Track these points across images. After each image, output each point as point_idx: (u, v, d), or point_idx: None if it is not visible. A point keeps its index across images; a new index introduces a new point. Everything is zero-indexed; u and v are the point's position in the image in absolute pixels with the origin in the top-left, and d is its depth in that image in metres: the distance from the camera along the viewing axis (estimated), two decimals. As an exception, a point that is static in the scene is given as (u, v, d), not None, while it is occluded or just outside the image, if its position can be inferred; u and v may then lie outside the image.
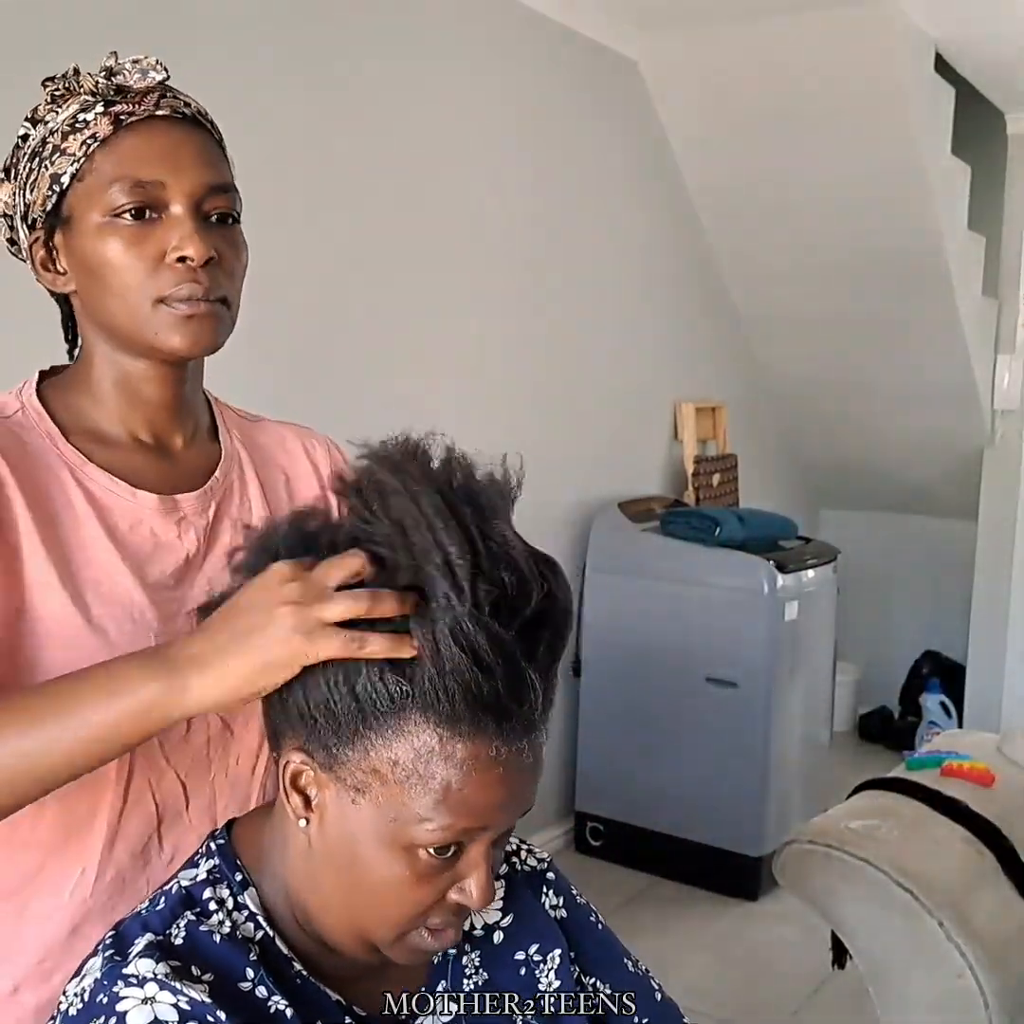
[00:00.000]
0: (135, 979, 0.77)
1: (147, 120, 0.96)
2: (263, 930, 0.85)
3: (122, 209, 0.94)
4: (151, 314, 0.96)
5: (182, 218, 0.95)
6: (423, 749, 0.77)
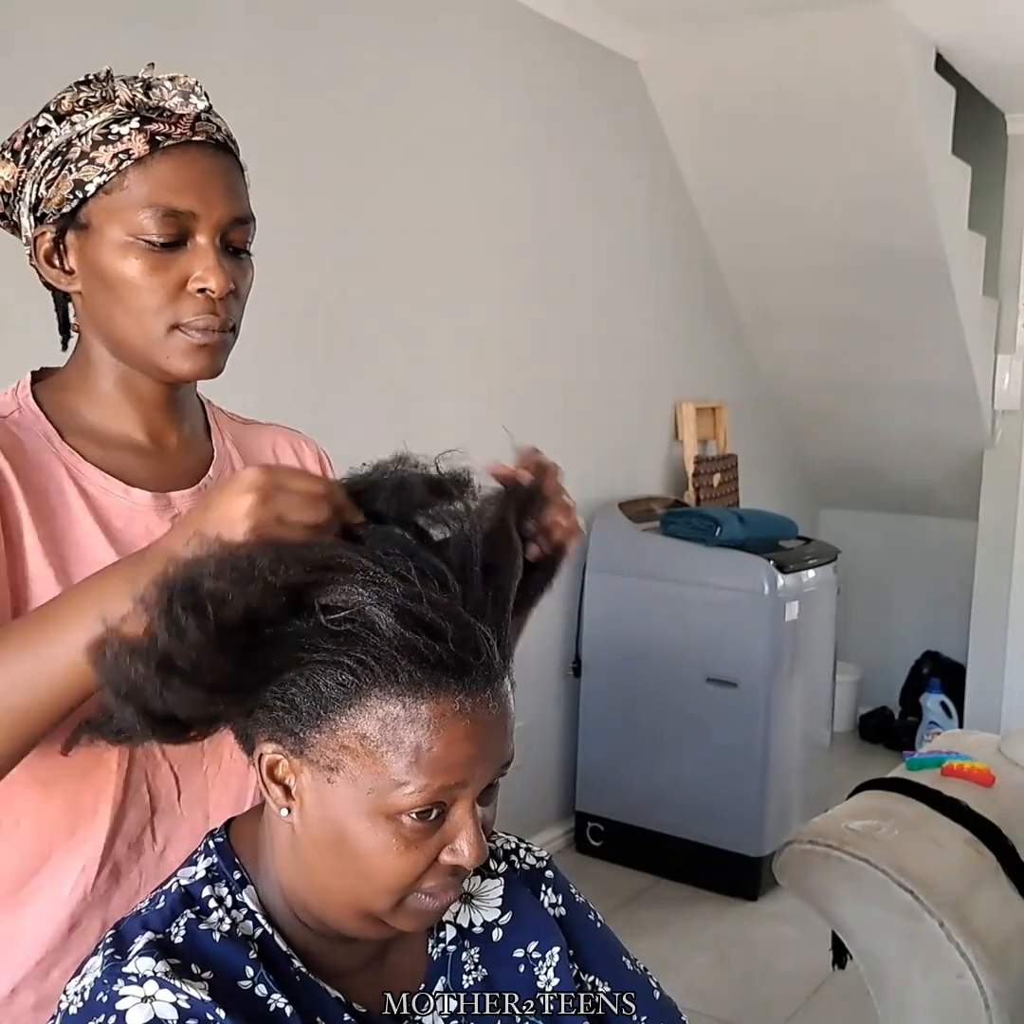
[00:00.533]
0: (135, 977, 0.78)
1: (183, 145, 0.96)
2: (262, 928, 0.86)
3: (153, 236, 0.95)
4: (165, 338, 0.98)
5: (207, 249, 0.97)
6: (388, 718, 0.78)
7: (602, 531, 3.52)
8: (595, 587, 3.50)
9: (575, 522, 0.95)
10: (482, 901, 0.98)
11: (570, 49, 3.32)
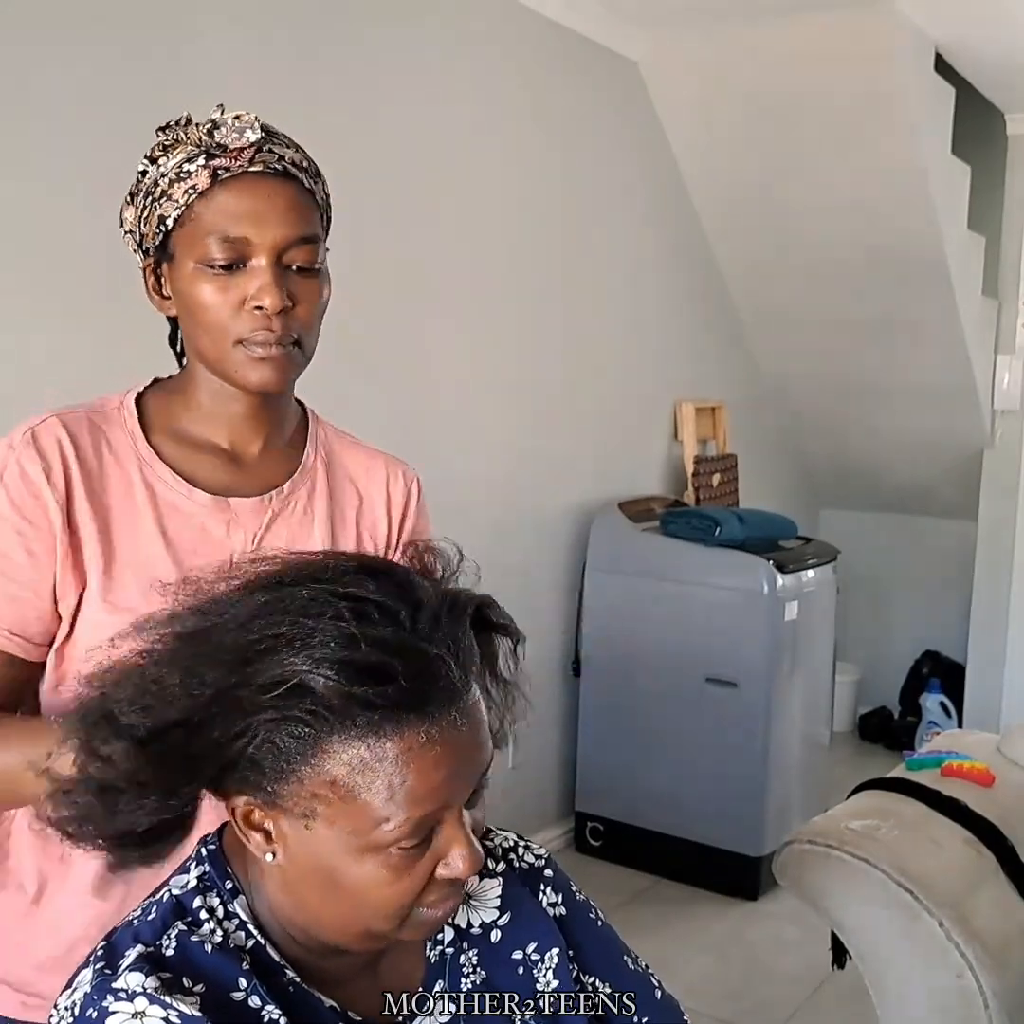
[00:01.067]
0: (124, 993, 0.77)
1: (240, 176, 1.06)
2: (254, 938, 0.85)
3: (213, 261, 1.06)
4: (231, 352, 1.08)
5: (262, 270, 1.06)
6: (354, 762, 0.77)
7: (602, 531, 3.52)
8: (595, 587, 3.50)
9: None
10: (480, 901, 0.97)
11: (570, 49, 3.32)
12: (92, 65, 2.12)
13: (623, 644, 3.45)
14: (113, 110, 2.16)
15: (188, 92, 2.29)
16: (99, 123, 2.14)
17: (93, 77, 2.13)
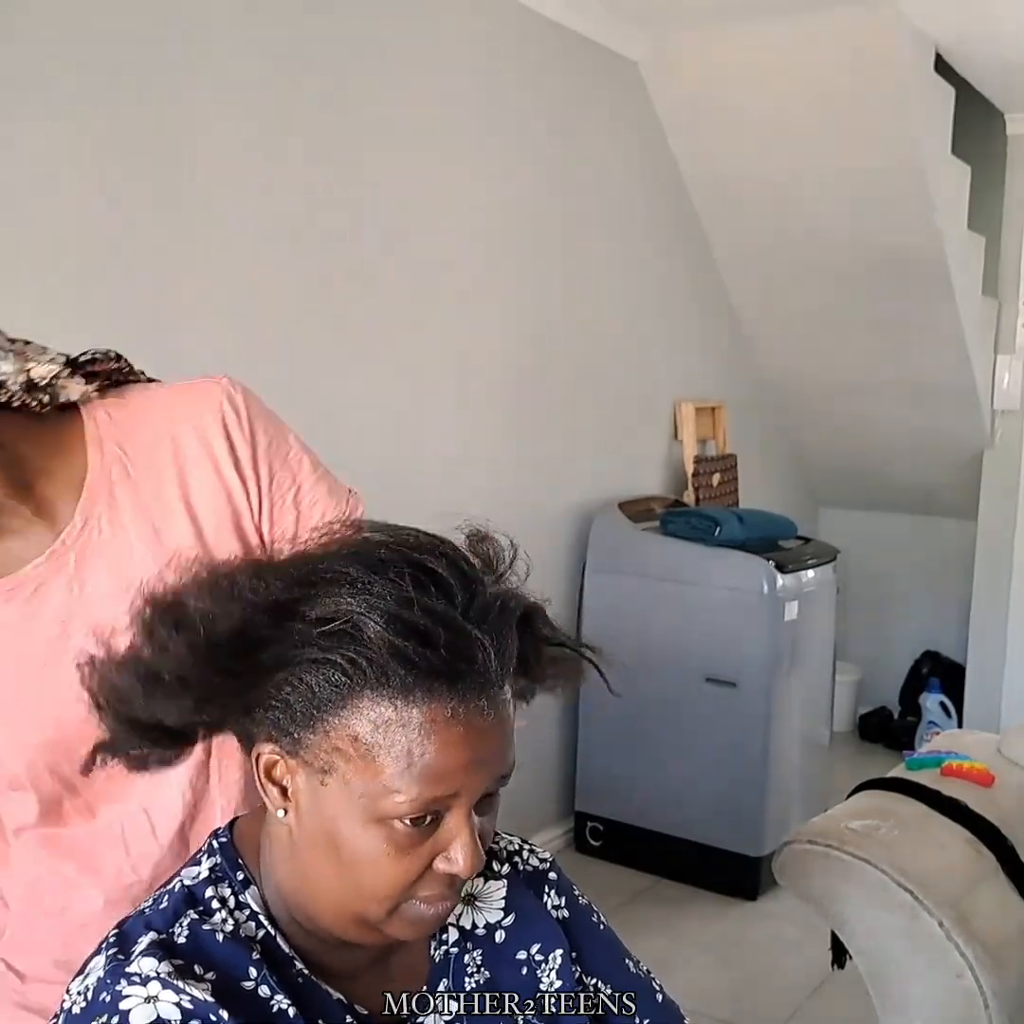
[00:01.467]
0: (138, 978, 0.78)
1: None
2: (264, 929, 0.86)
3: None
4: None
5: None
6: (379, 720, 0.78)
7: (602, 531, 3.52)
8: (595, 587, 3.50)
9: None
10: (484, 903, 0.98)
11: (570, 49, 3.32)
12: (94, 64, 2.12)
13: (623, 644, 3.43)
14: (114, 109, 2.16)
15: (187, 93, 2.29)
16: (100, 124, 2.14)
17: (96, 76, 2.13)
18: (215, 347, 2.34)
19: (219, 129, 2.36)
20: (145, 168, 2.23)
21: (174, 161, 2.28)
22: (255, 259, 2.47)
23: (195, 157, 2.32)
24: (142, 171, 2.23)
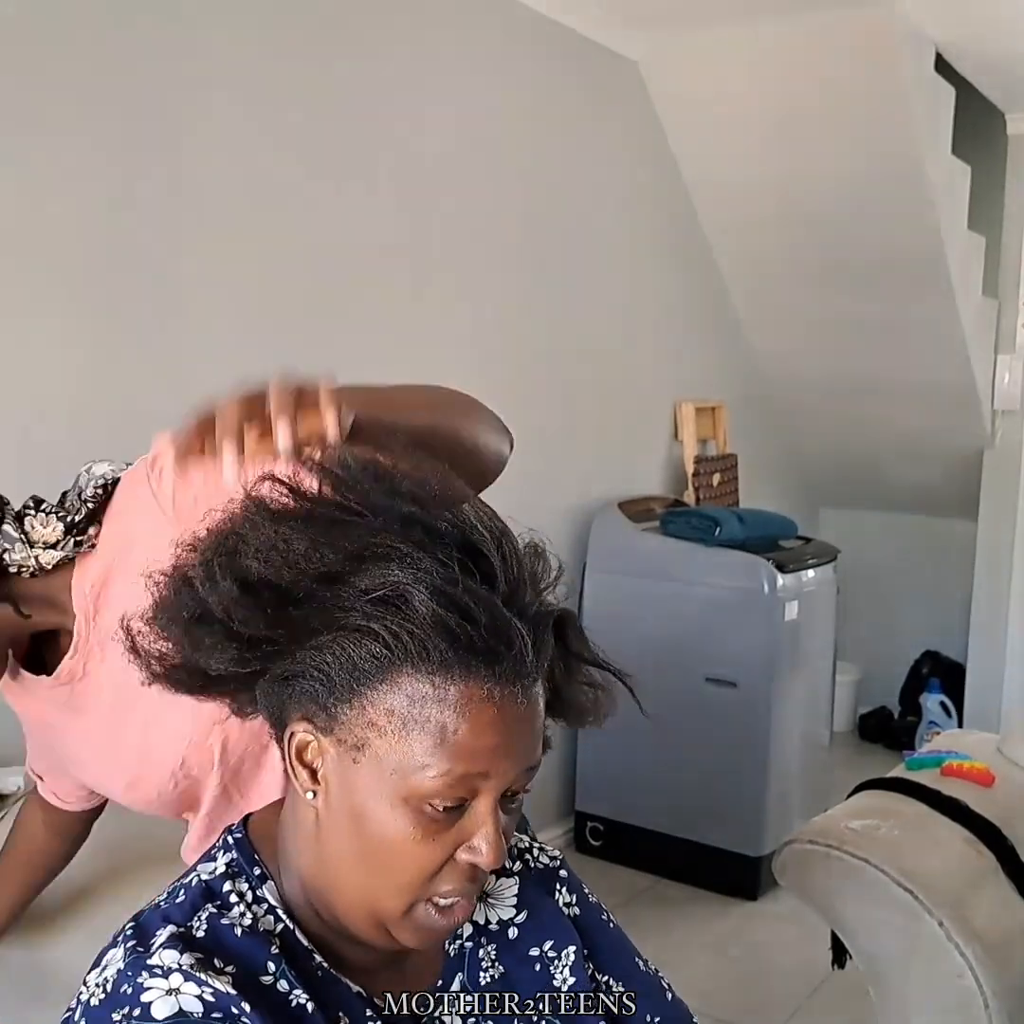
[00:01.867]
0: (160, 970, 0.77)
1: None
2: (283, 923, 0.85)
3: None
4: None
5: None
6: (416, 695, 0.78)
7: (602, 531, 3.52)
8: (595, 587, 3.50)
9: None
10: (497, 900, 0.98)
11: (570, 49, 3.32)
12: (94, 64, 2.12)
13: (622, 644, 3.43)
14: (114, 107, 2.16)
15: (188, 93, 2.29)
16: (100, 122, 2.14)
17: (96, 76, 2.13)
18: (217, 346, 2.34)
19: (218, 121, 2.36)
20: (145, 165, 2.23)
21: (173, 158, 2.29)
22: (255, 259, 2.47)
23: (194, 156, 2.32)
24: (142, 169, 2.23)
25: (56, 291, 2.11)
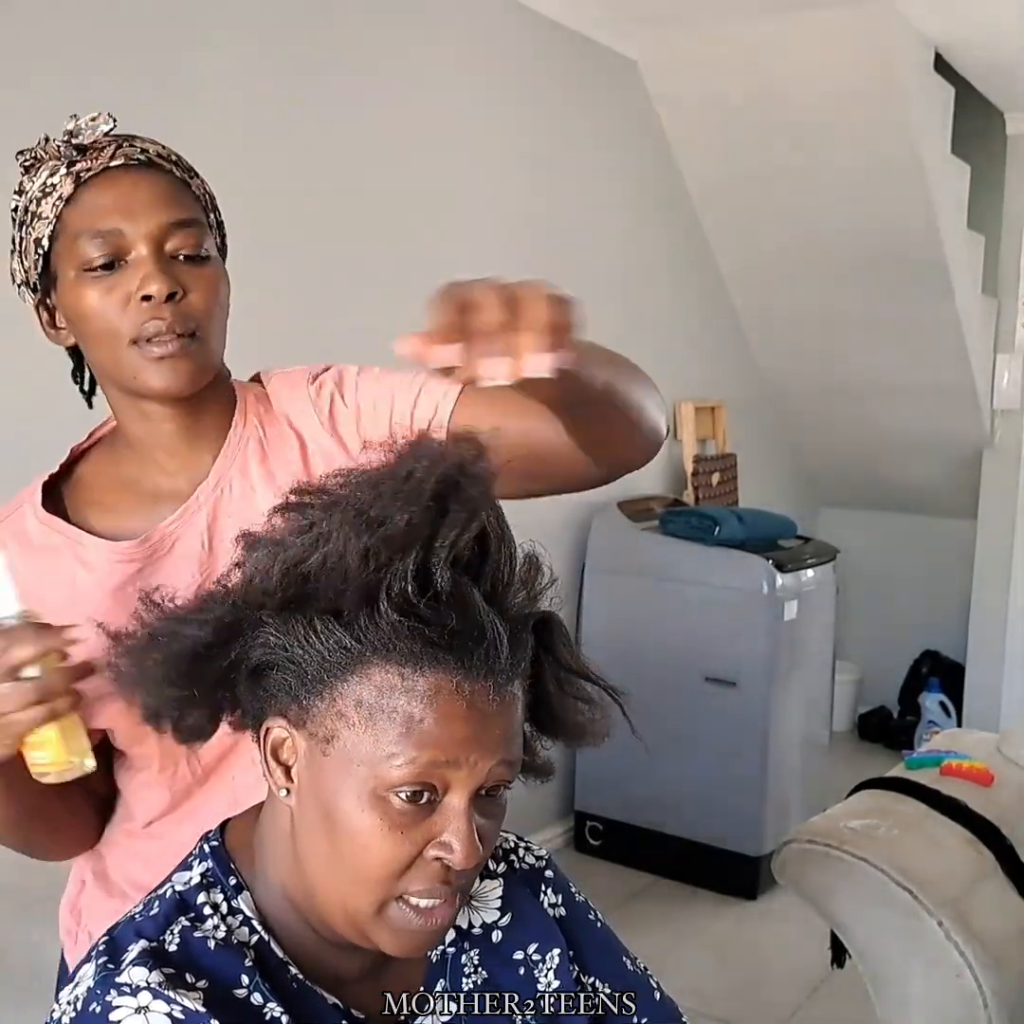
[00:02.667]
0: (128, 988, 0.77)
1: (103, 173, 1.01)
2: (258, 934, 0.85)
3: (91, 262, 1.00)
4: (127, 356, 1.01)
5: (143, 259, 1.00)
6: (385, 686, 0.79)
7: (601, 531, 3.52)
8: (594, 587, 3.50)
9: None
10: (481, 902, 0.97)
11: (570, 49, 3.32)
12: (91, 61, 2.12)
13: (622, 644, 3.45)
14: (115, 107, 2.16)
15: (189, 93, 2.29)
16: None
17: (93, 74, 2.13)
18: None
19: (215, 119, 2.36)
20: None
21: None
22: (259, 264, 2.46)
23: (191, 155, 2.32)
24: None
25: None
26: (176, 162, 1.07)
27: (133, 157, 1.03)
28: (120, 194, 1.01)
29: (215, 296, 1.04)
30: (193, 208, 1.05)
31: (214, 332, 1.05)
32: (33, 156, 1.03)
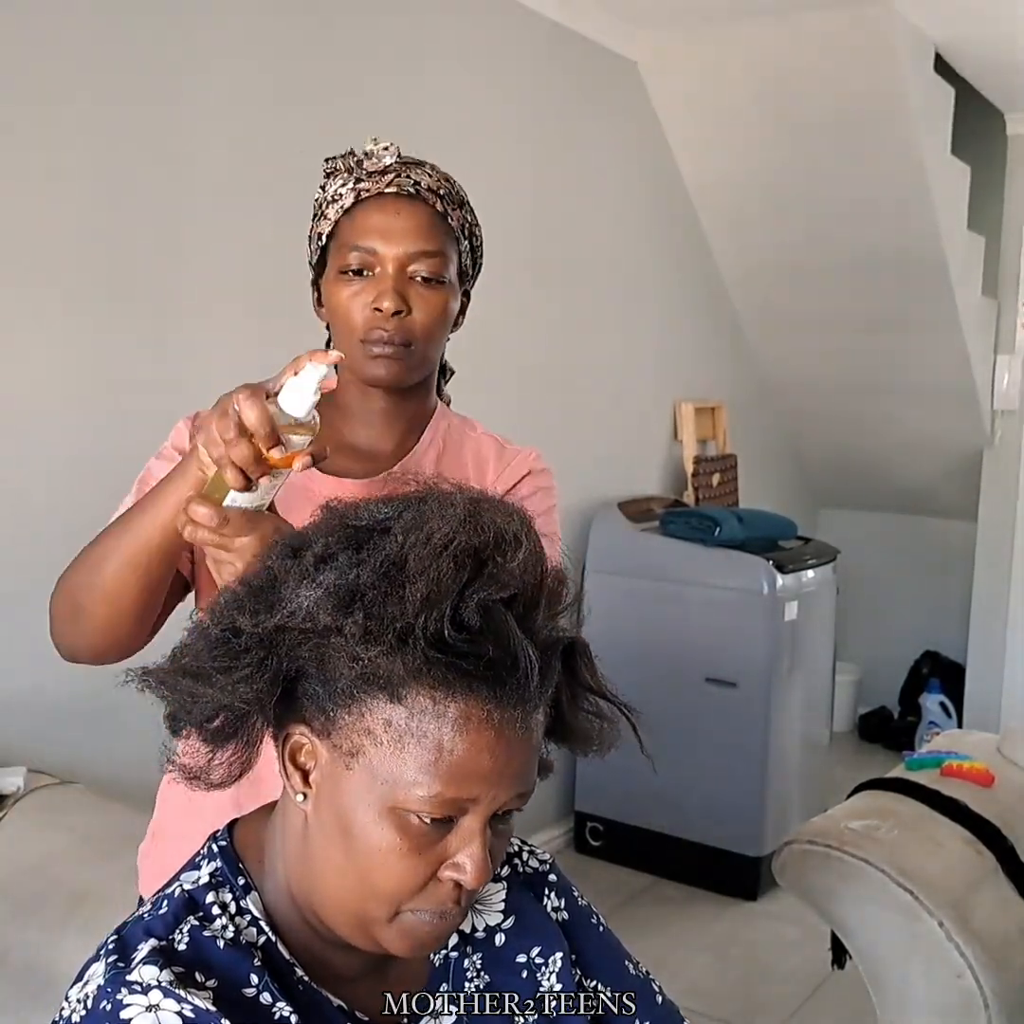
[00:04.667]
0: (139, 986, 0.77)
1: (377, 196, 1.24)
2: (265, 935, 0.85)
3: (347, 267, 1.23)
4: (356, 348, 1.23)
5: (385, 277, 1.22)
6: (416, 709, 0.78)
7: (601, 531, 3.52)
8: (594, 587, 3.50)
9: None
10: (484, 905, 0.97)
11: (570, 49, 3.32)
12: (94, 60, 2.12)
13: (622, 644, 3.44)
14: (116, 106, 2.16)
15: (190, 92, 2.29)
16: (102, 118, 2.14)
17: (96, 73, 2.13)
18: (213, 348, 2.34)
19: (215, 122, 2.36)
20: (145, 165, 2.23)
21: (172, 158, 2.29)
22: (259, 266, 2.47)
23: (192, 156, 2.32)
24: (139, 170, 2.23)
25: (51, 293, 2.11)
26: (444, 195, 1.27)
27: (404, 188, 1.23)
28: (384, 219, 1.22)
29: (436, 317, 1.25)
30: (442, 240, 1.26)
31: (428, 346, 1.26)
32: (334, 167, 1.26)
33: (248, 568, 0.95)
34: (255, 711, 0.84)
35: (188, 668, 0.84)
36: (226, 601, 0.85)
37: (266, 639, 0.81)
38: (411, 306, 1.22)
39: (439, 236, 1.25)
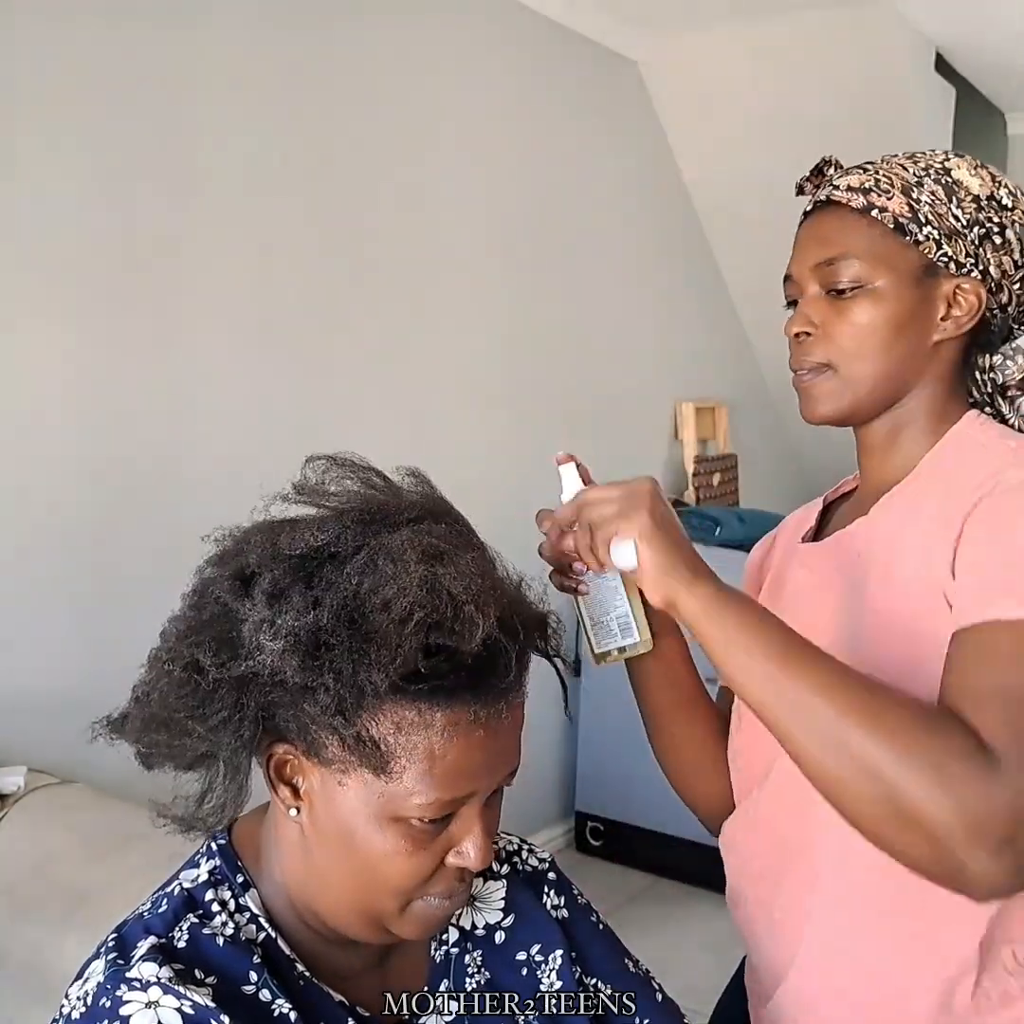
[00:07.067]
0: (138, 983, 0.77)
1: (806, 217, 1.21)
2: (265, 931, 0.85)
3: (784, 300, 1.17)
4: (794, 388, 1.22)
5: (811, 299, 1.12)
6: (403, 723, 0.78)
7: (602, 531, 3.51)
8: (595, 587, 3.49)
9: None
10: (484, 903, 0.98)
11: (570, 49, 3.32)
12: (96, 59, 2.12)
13: (623, 644, 3.45)
14: (122, 116, 2.16)
15: (195, 103, 2.29)
16: (103, 119, 2.14)
17: (98, 72, 2.13)
18: (214, 359, 2.35)
19: (224, 133, 2.36)
20: (149, 172, 2.23)
21: (176, 170, 2.29)
22: (260, 269, 2.47)
23: (196, 168, 2.32)
24: (143, 179, 2.23)
25: (53, 296, 2.11)
26: (868, 189, 1.14)
27: (817, 199, 1.16)
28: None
29: (846, 328, 1.08)
30: (847, 242, 1.10)
31: (854, 360, 1.10)
32: (799, 185, 1.25)
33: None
34: (242, 752, 0.83)
35: (158, 717, 0.82)
36: (177, 632, 0.82)
37: (234, 681, 0.79)
38: (822, 324, 1.16)
39: (840, 240, 1.15)
